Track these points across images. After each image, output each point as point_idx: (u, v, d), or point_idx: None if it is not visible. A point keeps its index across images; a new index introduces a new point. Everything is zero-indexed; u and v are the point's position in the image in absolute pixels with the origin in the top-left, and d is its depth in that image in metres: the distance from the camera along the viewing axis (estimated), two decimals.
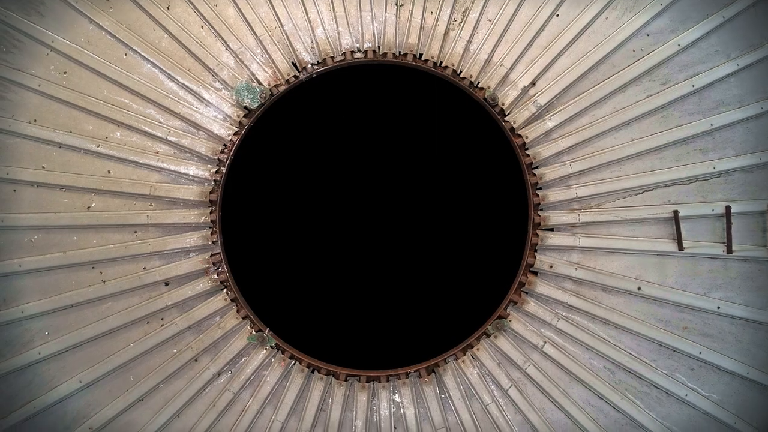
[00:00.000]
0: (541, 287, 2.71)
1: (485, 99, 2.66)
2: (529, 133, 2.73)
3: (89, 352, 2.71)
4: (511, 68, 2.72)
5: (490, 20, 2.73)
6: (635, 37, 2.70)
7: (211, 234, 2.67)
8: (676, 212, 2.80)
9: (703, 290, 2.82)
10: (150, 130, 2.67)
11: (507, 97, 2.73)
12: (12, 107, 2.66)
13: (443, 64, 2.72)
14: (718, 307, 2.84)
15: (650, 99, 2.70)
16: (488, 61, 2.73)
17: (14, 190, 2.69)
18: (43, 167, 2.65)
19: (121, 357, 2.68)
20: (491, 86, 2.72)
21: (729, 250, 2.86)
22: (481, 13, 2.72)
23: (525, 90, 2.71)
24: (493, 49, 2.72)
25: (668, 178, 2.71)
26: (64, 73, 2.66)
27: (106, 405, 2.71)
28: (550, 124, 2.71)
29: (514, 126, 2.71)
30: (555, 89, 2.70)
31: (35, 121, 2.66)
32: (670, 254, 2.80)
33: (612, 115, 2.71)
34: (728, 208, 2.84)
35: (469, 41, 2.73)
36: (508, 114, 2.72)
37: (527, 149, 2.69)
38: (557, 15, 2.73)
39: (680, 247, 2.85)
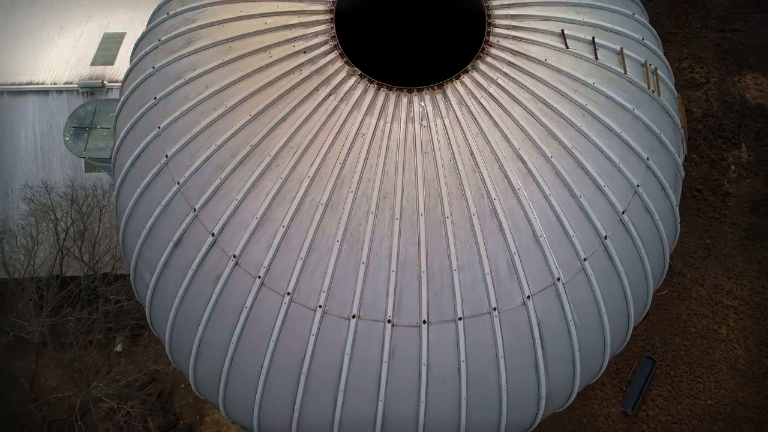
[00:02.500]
0: (493, 54, 5.30)
1: None
2: None
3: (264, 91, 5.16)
4: None
5: None
6: None
7: (330, 22, 5.32)
8: (563, 31, 5.54)
9: (583, 74, 5.41)
10: None
11: None
12: None
13: None
14: (594, 83, 5.41)
15: None
16: None
17: None
18: None
19: (278, 90, 5.12)
20: None
21: (596, 58, 5.54)
22: None
23: None
24: None
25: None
26: None
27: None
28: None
29: None
30: None
31: None
32: (563, 50, 5.46)
33: None
34: (593, 38, 5.60)
35: None
36: None
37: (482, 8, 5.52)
38: None
39: (566, 47, 5.52)
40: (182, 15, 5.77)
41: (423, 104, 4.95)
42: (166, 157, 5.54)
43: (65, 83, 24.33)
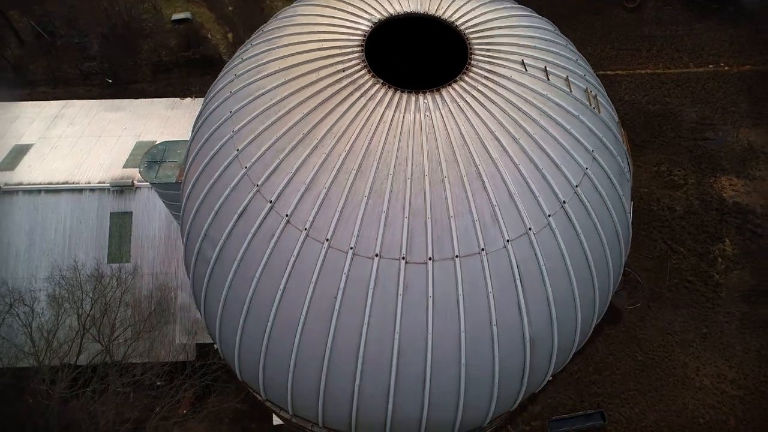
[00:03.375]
0: (474, 71, 7.57)
1: (451, 23, 8.08)
2: (468, 35, 8.04)
3: (313, 98, 7.39)
4: (458, 21, 8.22)
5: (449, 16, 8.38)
6: None
7: (361, 51, 7.66)
8: (522, 60, 7.89)
9: (539, 88, 7.66)
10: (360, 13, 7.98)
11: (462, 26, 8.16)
12: None
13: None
14: (547, 94, 7.64)
15: None
16: (452, 18, 8.25)
17: None
18: None
19: (323, 96, 7.33)
20: (455, 22, 8.17)
21: (548, 79, 7.82)
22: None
23: (463, 26, 8.14)
24: (453, 14, 8.28)
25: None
26: None
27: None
28: (472, 36, 8.03)
29: (464, 31, 8.03)
30: (472, 27, 8.14)
31: None
32: (523, 72, 7.75)
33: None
34: (545, 67, 7.95)
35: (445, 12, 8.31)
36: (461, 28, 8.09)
37: (468, 38, 7.93)
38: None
39: (525, 70, 7.81)
40: (253, 57, 8.21)
41: (426, 101, 7.13)
42: (237, 150, 7.63)
43: (98, 182, 27.41)
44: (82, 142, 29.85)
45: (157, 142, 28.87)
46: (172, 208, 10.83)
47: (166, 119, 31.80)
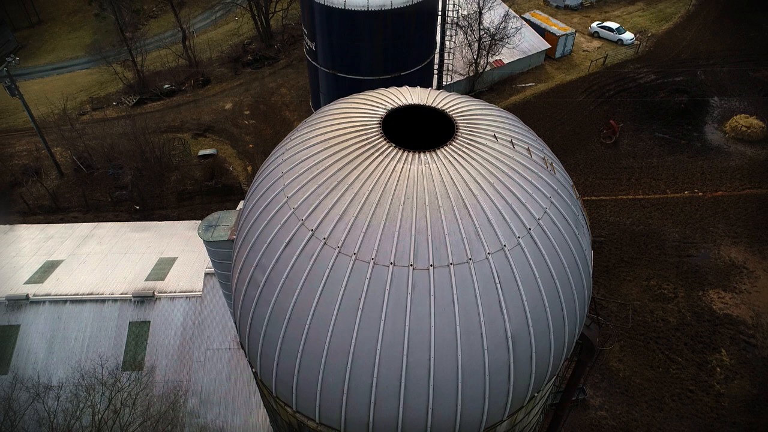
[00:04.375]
0: (458, 140, 10.66)
1: (442, 110, 11.40)
2: (455, 117, 11.31)
3: (345, 157, 10.48)
4: (448, 109, 11.56)
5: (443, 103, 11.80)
6: None
7: (380, 126, 10.84)
8: (494, 134, 11.11)
9: (507, 152, 10.79)
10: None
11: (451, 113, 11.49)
12: None
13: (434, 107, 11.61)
14: (512, 156, 10.75)
15: None
16: (443, 107, 11.60)
17: None
18: None
19: (352, 155, 10.40)
20: (445, 109, 11.51)
21: (513, 147, 11.01)
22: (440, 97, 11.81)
23: (450, 111, 11.47)
24: (444, 105, 11.65)
25: None
26: None
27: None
28: (457, 118, 11.33)
29: (451, 114, 11.32)
30: (457, 112, 11.46)
31: None
32: (494, 141, 10.91)
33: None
34: (512, 140, 11.18)
35: (438, 104, 11.69)
36: (449, 113, 11.39)
37: (454, 119, 11.19)
38: None
39: (496, 140, 10.99)
40: (298, 137, 11.46)
41: (426, 158, 10.15)
42: (287, 197, 10.51)
43: (121, 294, 30.25)
44: (109, 258, 32.99)
45: (177, 258, 31.69)
46: (219, 267, 13.40)
47: (188, 238, 35.21)
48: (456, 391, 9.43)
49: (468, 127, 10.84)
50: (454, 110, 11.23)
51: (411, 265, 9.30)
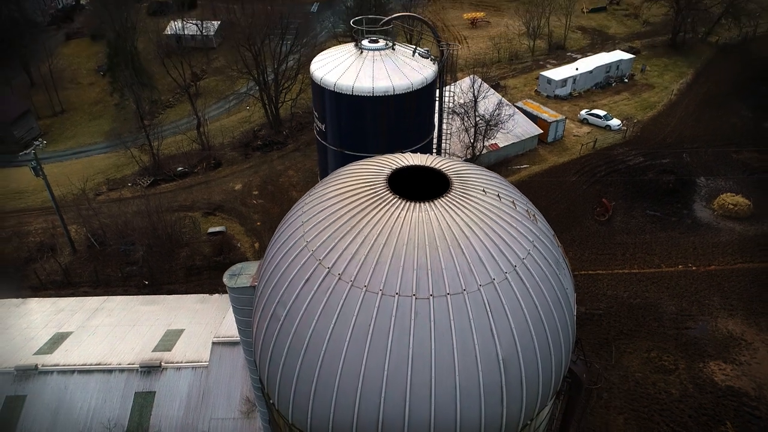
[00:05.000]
0: (453, 193, 12.60)
1: (439, 170, 13.46)
2: (449, 175, 13.34)
3: (356, 207, 12.41)
4: (444, 169, 13.62)
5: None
6: None
7: (386, 182, 12.83)
8: (484, 189, 13.10)
9: (495, 203, 12.74)
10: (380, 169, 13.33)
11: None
12: None
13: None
14: (499, 206, 12.70)
15: None
16: (439, 167, 13.66)
17: None
18: None
19: (362, 205, 12.32)
20: (441, 169, 13.56)
21: (500, 199, 13.00)
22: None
23: (446, 171, 13.51)
24: (440, 166, 13.72)
25: None
26: None
27: None
28: (451, 176, 13.35)
29: (447, 173, 13.36)
30: (452, 171, 13.52)
31: None
32: (484, 194, 12.88)
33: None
34: (498, 194, 13.19)
35: (436, 165, 13.76)
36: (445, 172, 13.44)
37: (449, 176, 13.21)
38: None
39: (485, 193, 12.97)
40: (315, 192, 13.46)
41: (425, 207, 12.05)
42: (306, 242, 12.32)
43: (128, 364, 31.38)
44: (118, 330, 34.29)
45: (184, 330, 32.82)
46: (240, 313, 14.93)
47: (195, 311, 36.60)
48: (455, 412, 10.71)
49: (461, 182, 12.87)
50: (448, 170, 13.33)
51: (414, 294, 10.93)
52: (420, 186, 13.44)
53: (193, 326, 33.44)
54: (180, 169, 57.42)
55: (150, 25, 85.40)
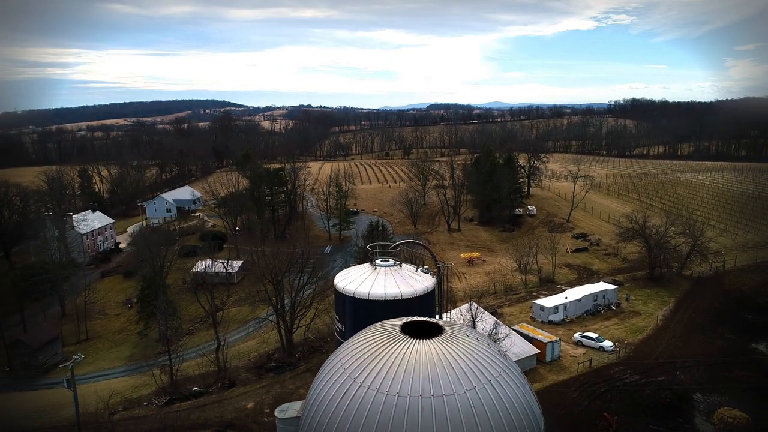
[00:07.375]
0: (445, 335, 18.63)
1: (437, 323, 19.66)
2: (443, 325, 19.46)
3: (377, 345, 18.43)
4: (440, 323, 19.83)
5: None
6: None
7: (401, 329, 18.94)
8: (475, 338, 19.21)
9: (484, 345, 18.80)
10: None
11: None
12: None
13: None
14: (488, 346, 18.75)
15: None
16: (437, 322, 19.88)
17: None
18: None
19: (383, 342, 18.33)
20: (438, 323, 19.76)
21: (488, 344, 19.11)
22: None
23: (441, 324, 19.71)
24: (438, 322, 19.95)
25: None
26: None
27: None
28: (444, 326, 19.50)
29: (441, 325, 19.51)
30: (444, 325, 19.70)
31: None
32: (474, 342, 18.93)
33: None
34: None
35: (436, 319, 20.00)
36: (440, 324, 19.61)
37: (443, 327, 19.32)
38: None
39: (469, 337, 19.04)
40: (349, 342, 19.50)
41: (427, 342, 18.02)
42: (344, 368, 18.03)
43: None
44: None
45: None
46: None
47: None
48: None
49: (451, 330, 19.10)
50: (442, 323, 19.63)
51: (420, 395, 16.34)
52: (423, 333, 19.57)
53: None
54: (195, 389, 61.35)
55: (179, 264, 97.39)
